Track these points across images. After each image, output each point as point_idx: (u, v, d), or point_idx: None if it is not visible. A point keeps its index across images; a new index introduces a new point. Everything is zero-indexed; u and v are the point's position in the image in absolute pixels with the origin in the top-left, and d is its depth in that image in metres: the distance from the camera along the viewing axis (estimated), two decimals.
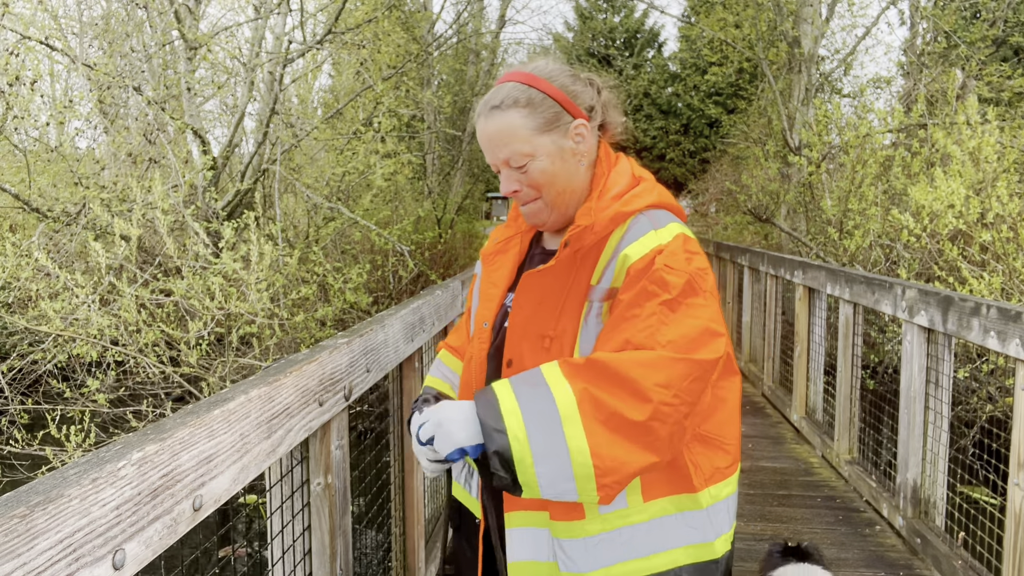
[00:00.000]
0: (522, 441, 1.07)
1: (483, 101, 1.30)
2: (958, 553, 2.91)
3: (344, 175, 8.05)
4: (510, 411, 1.09)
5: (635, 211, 1.24)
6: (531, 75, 1.27)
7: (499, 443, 1.07)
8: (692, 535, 1.22)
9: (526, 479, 1.08)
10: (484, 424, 1.10)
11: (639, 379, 1.08)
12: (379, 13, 8.27)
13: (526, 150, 1.24)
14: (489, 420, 1.09)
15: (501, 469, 1.08)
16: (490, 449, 1.08)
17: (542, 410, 1.08)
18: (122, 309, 5.21)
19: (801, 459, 4.50)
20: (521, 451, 1.07)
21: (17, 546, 0.74)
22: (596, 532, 1.21)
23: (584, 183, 1.30)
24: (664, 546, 1.21)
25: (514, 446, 1.07)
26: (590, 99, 1.30)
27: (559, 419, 1.07)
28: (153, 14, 7.35)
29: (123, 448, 0.95)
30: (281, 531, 1.59)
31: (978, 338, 2.71)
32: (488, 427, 1.09)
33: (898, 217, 5.57)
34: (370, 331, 1.90)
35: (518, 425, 1.08)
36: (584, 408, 1.07)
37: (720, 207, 15.45)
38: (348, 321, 7.52)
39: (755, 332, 6.53)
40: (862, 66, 45.65)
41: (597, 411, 1.07)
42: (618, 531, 1.21)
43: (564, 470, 1.07)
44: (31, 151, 7.60)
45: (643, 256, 1.18)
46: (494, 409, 1.10)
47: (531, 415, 1.08)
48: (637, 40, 25.17)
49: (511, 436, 1.07)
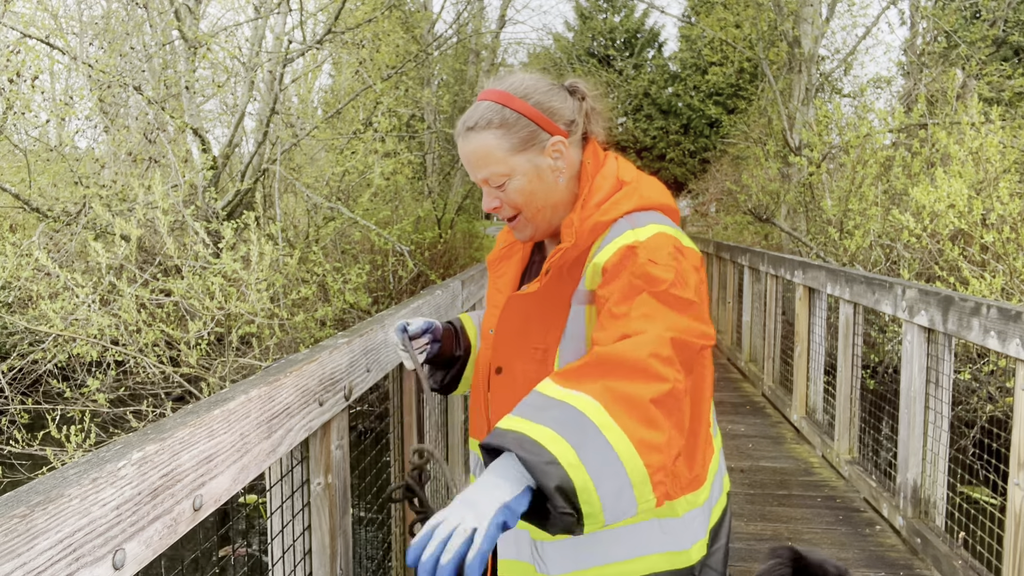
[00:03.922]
0: (576, 466, 0.93)
1: (461, 120, 1.29)
2: (958, 553, 2.91)
3: (344, 175, 8.05)
4: (550, 438, 0.94)
5: (614, 219, 1.22)
6: (506, 94, 1.26)
7: (557, 476, 0.92)
8: (668, 542, 1.22)
9: (591, 508, 0.94)
10: (529, 462, 0.92)
11: (645, 359, 1.03)
12: (379, 13, 8.27)
13: (502, 170, 1.24)
14: (533, 456, 0.92)
15: (566, 506, 0.93)
16: (550, 486, 0.91)
17: (578, 427, 0.97)
18: (122, 309, 5.21)
19: (801, 459, 4.50)
20: (581, 477, 0.93)
21: (17, 546, 0.74)
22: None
23: (566, 196, 1.29)
24: (640, 551, 1.21)
25: (572, 473, 0.92)
26: (570, 112, 1.29)
27: (597, 428, 0.97)
28: (153, 14, 7.34)
29: (123, 448, 0.95)
30: (281, 531, 1.59)
31: (978, 338, 2.70)
32: (536, 464, 0.92)
33: (899, 217, 5.57)
34: (370, 331, 1.90)
35: (567, 450, 0.94)
36: (612, 409, 0.99)
37: (720, 207, 15.45)
38: (348, 321, 7.52)
39: (755, 332, 6.53)
40: (862, 66, 45.70)
41: (624, 406, 1.00)
42: (594, 536, 1.19)
43: (622, 481, 0.96)
44: (31, 150, 7.60)
45: (614, 252, 1.16)
46: (531, 443, 0.94)
47: (572, 436, 0.95)
48: (637, 40, 25.17)
49: (565, 464, 0.92)
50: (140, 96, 7.01)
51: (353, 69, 8.38)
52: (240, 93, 7.61)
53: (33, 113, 6.43)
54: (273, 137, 7.39)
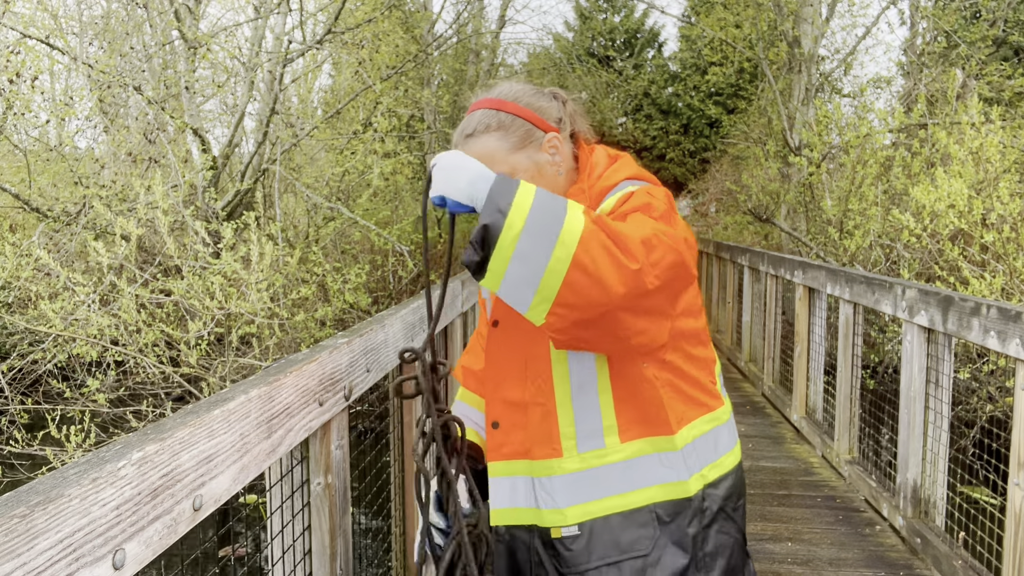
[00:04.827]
0: (514, 234, 1.07)
1: (457, 131, 1.37)
2: (958, 553, 2.91)
3: (344, 175, 8.05)
4: (521, 204, 1.09)
5: (617, 182, 1.33)
6: (498, 100, 1.35)
7: (493, 220, 1.07)
8: (667, 474, 1.28)
9: (496, 267, 1.09)
10: (491, 196, 1.10)
11: (632, 234, 1.12)
12: (379, 13, 8.27)
13: (505, 169, 1.31)
14: (498, 197, 1.09)
15: (479, 245, 1.09)
16: (482, 220, 1.09)
17: (548, 223, 1.08)
18: (122, 309, 5.21)
19: (801, 459, 4.50)
20: (508, 241, 1.07)
21: (17, 546, 0.74)
22: (573, 470, 1.29)
23: (566, 188, 1.38)
24: (639, 484, 1.28)
25: (505, 233, 1.07)
26: (557, 112, 1.39)
27: (556, 239, 1.07)
28: (153, 14, 7.34)
29: (123, 448, 0.95)
30: (281, 531, 1.59)
31: (978, 338, 2.71)
32: (494, 201, 1.09)
33: (899, 217, 5.57)
34: (370, 331, 1.90)
35: (520, 219, 1.07)
36: (582, 245, 1.08)
37: (720, 207, 15.45)
38: (348, 321, 7.52)
39: (755, 332, 6.53)
40: (862, 66, 45.63)
41: (592, 253, 1.08)
42: (595, 469, 1.29)
43: (532, 280, 1.08)
44: (31, 151, 7.60)
45: (616, 200, 1.27)
46: (510, 192, 1.10)
47: (535, 219, 1.08)
48: (637, 40, 25.16)
49: (507, 223, 1.07)
50: (140, 96, 7.01)
51: (353, 69, 8.38)
52: (240, 93, 7.61)
53: (33, 113, 6.43)
54: (273, 137, 7.38)
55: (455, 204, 1.16)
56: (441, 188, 1.17)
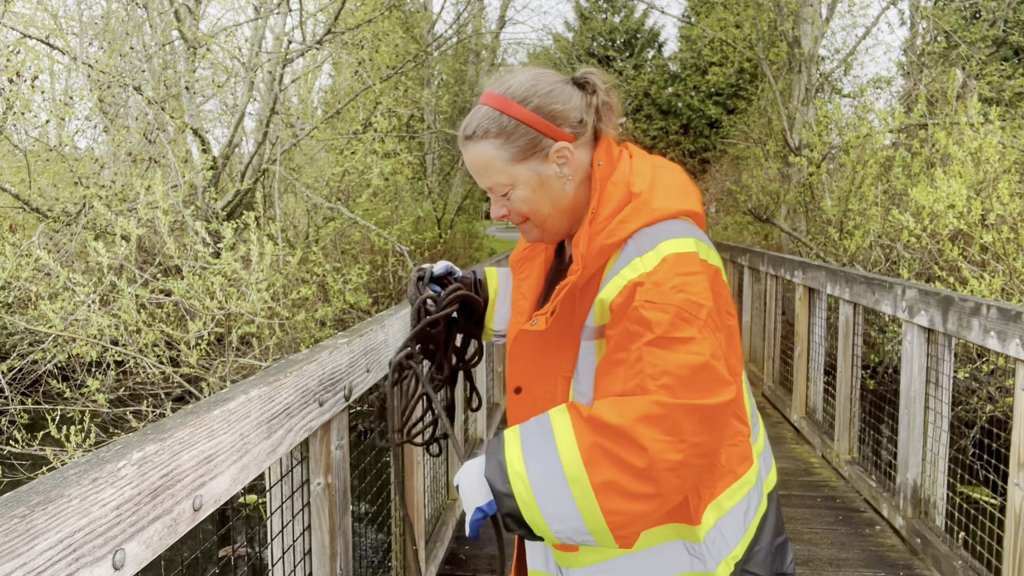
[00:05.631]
0: (531, 505, 1.07)
1: (461, 125, 1.24)
2: (958, 553, 2.91)
3: (344, 175, 8.05)
4: (517, 474, 1.08)
5: (621, 240, 1.14)
6: (503, 99, 1.18)
7: (509, 507, 1.08)
8: (693, 563, 1.19)
9: (542, 534, 1.09)
10: (493, 488, 1.10)
11: (641, 437, 1.02)
12: (379, 13, 8.27)
13: (504, 180, 1.20)
14: (497, 484, 1.09)
15: (516, 527, 1.10)
16: (501, 512, 1.09)
17: (548, 472, 1.06)
18: (122, 309, 5.21)
19: (801, 459, 4.50)
20: (532, 514, 1.07)
21: (17, 546, 0.74)
22: (591, 563, 1.21)
23: (576, 200, 1.23)
24: (663, 574, 1.19)
25: (523, 509, 1.07)
26: (577, 111, 1.20)
27: (566, 482, 1.05)
28: (153, 14, 7.34)
29: (123, 448, 0.95)
30: (281, 531, 1.59)
31: (978, 338, 2.71)
32: (497, 492, 1.09)
33: (898, 217, 5.57)
34: (370, 331, 1.90)
35: (525, 490, 1.07)
36: (591, 469, 1.04)
37: (720, 207, 15.45)
38: (348, 321, 7.52)
39: (755, 332, 6.53)
40: (862, 66, 45.69)
41: (605, 470, 1.04)
42: (614, 560, 1.20)
43: (578, 527, 1.06)
44: (31, 151, 7.60)
45: (620, 292, 1.10)
46: (502, 472, 1.09)
47: (538, 478, 1.07)
48: (637, 40, 25.17)
49: (519, 500, 1.07)
50: (140, 96, 7.01)
51: (353, 69, 8.38)
52: (240, 93, 7.61)
53: (33, 113, 6.43)
54: (273, 137, 7.39)
55: (490, 506, 1.13)
56: (469, 509, 1.15)
